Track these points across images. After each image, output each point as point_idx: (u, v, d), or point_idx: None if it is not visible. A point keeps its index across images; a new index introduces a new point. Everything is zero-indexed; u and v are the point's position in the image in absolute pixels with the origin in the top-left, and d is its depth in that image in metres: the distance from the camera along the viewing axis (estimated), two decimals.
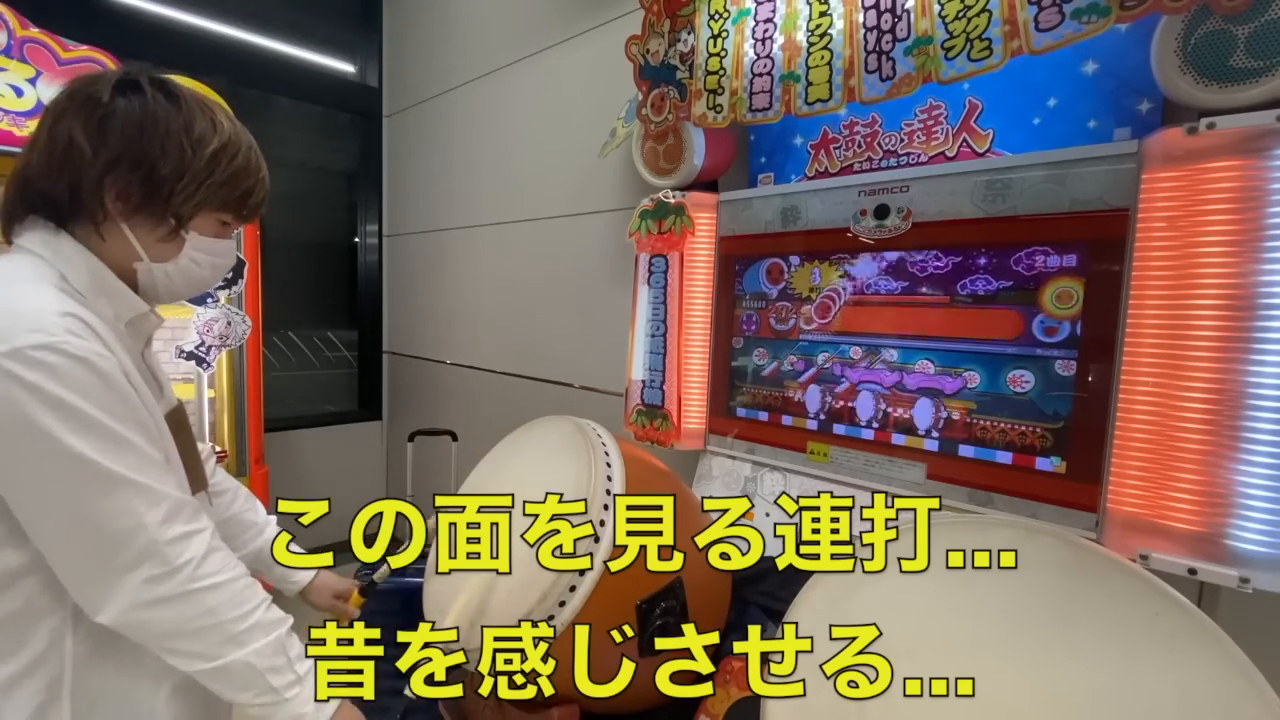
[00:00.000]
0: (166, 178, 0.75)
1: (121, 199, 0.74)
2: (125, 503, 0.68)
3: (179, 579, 0.71)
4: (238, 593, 0.76)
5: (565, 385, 2.33)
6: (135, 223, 0.76)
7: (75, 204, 0.73)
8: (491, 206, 2.67)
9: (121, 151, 0.73)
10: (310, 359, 3.46)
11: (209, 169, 0.77)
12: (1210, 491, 0.92)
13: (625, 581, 0.88)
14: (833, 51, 1.23)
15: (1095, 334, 1.06)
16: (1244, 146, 0.90)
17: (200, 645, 0.73)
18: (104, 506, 0.68)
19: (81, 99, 0.74)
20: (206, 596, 0.72)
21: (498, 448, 1.19)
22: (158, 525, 0.69)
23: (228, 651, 0.74)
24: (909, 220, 1.27)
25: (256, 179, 0.83)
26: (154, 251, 0.78)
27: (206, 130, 0.77)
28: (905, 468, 1.29)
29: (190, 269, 0.81)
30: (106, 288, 0.76)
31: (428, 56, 3.05)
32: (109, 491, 0.68)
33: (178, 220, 0.77)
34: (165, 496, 0.71)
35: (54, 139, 0.73)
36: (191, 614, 0.72)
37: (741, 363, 1.58)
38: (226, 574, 0.75)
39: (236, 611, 0.74)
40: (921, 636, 0.74)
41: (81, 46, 1.99)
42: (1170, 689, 0.62)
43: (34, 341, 0.64)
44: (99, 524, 0.68)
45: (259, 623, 0.76)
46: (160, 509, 0.70)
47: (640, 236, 1.67)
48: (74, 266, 0.74)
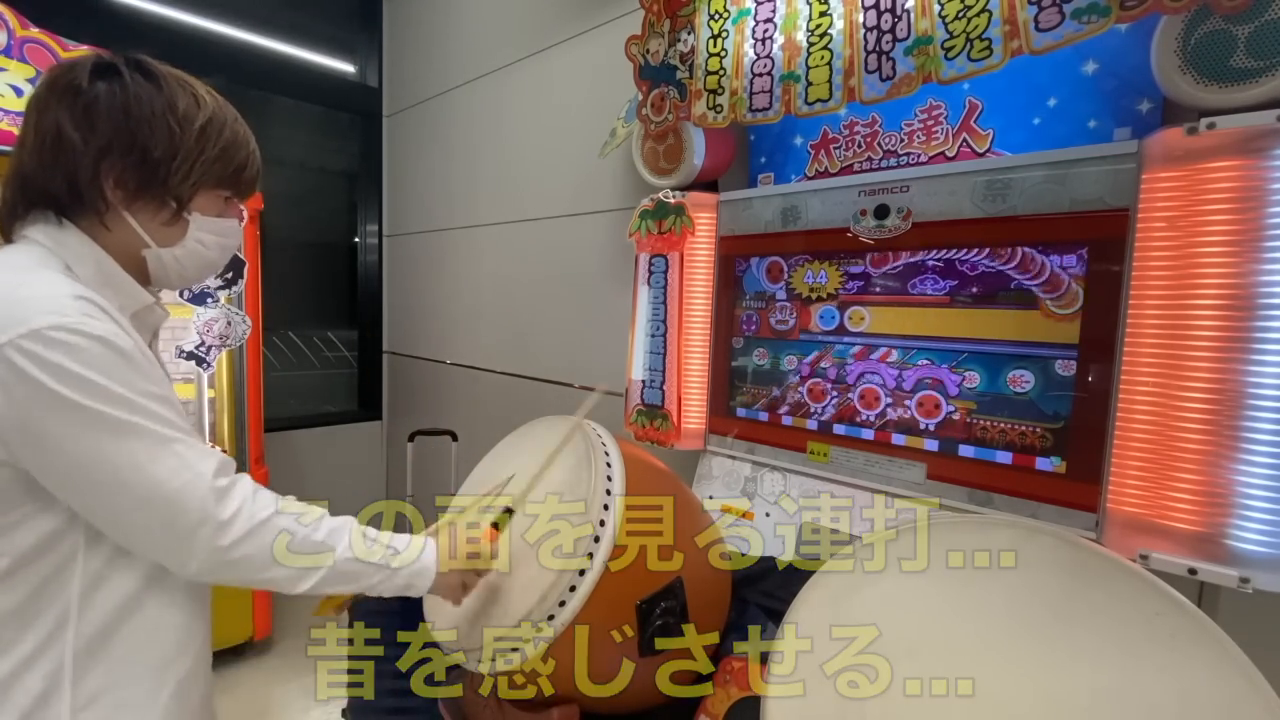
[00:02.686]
0: (160, 160, 0.74)
1: (120, 186, 0.74)
2: (178, 458, 0.69)
3: (242, 520, 0.71)
4: (298, 512, 0.77)
5: (565, 385, 2.33)
6: (137, 209, 0.76)
7: (75, 196, 0.73)
8: (491, 206, 2.67)
9: (111, 138, 0.72)
10: (310, 359, 3.46)
11: (199, 146, 0.77)
12: (1210, 491, 0.92)
13: (625, 581, 0.88)
14: (833, 51, 1.23)
15: (1095, 334, 1.06)
16: (1244, 146, 0.90)
17: (296, 564, 0.75)
18: (157, 469, 0.68)
19: (62, 88, 0.73)
20: (275, 522, 0.74)
21: (498, 447, 1.19)
22: (212, 475, 0.70)
23: (324, 559, 0.76)
24: (909, 220, 1.27)
25: (248, 151, 0.83)
26: (160, 236, 0.78)
27: (190, 107, 0.77)
28: (905, 468, 1.29)
29: (198, 250, 0.81)
30: (112, 279, 0.76)
31: (428, 56, 3.05)
32: (159, 452, 0.68)
33: (178, 202, 0.77)
34: (210, 451, 0.72)
35: (42, 133, 0.72)
36: (270, 543, 0.73)
37: (741, 363, 1.58)
38: (279, 503, 0.77)
39: (307, 526, 0.76)
40: (922, 636, 0.74)
41: (81, 46, 1.99)
42: (1170, 689, 0.62)
43: (51, 323, 0.64)
44: (157, 485, 0.68)
45: (334, 526, 0.79)
46: (211, 460, 0.71)
47: (640, 236, 1.67)
48: (79, 258, 0.73)
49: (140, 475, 0.68)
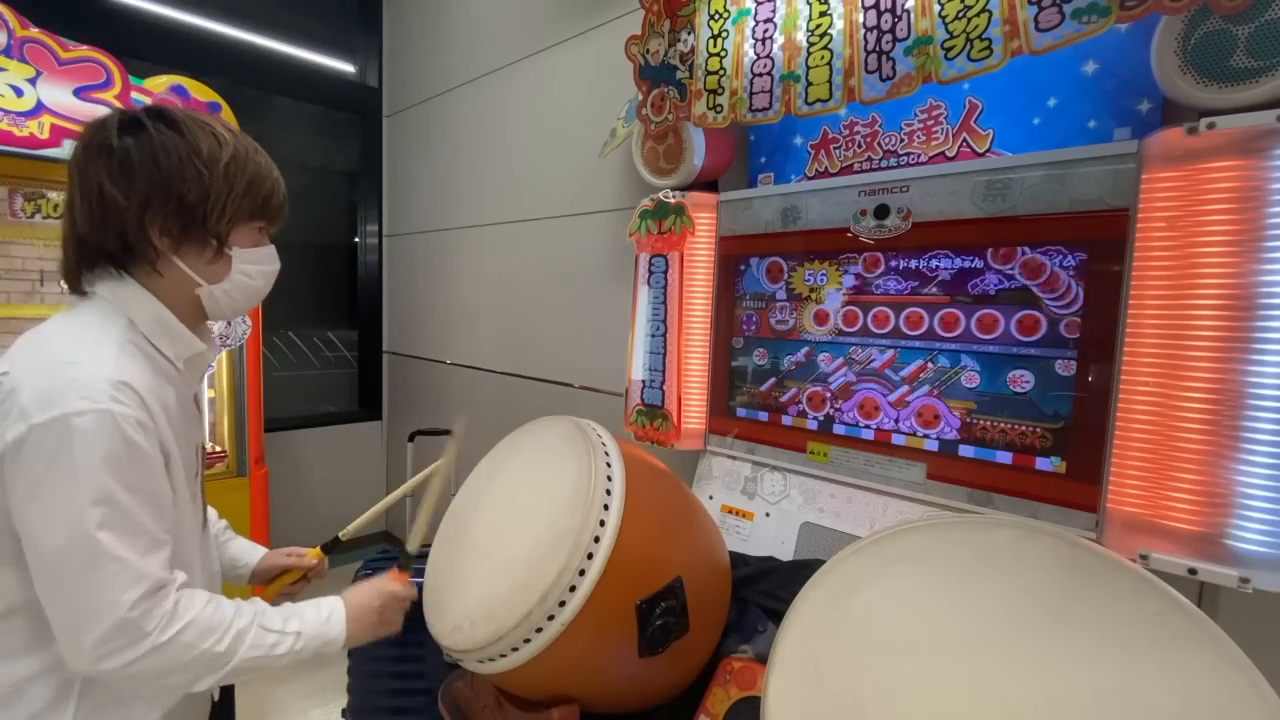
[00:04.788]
0: (195, 203, 0.80)
1: (165, 234, 0.80)
2: (108, 579, 0.71)
3: (147, 643, 0.73)
4: (205, 621, 0.78)
5: (565, 385, 2.33)
6: (184, 252, 0.82)
7: (127, 250, 0.80)
8: (492, 206, 2.67)
9: (148, 190, 0.78)
10: (310, 359, 3.46)
11: (228, 183, 0.82)
12: (1210, 491, 0.92)
13: (625, 581, 0.88)
14: (833, 51, 1.23)
15: (1095, 334, 1.06)
16: (1244, 146, 0.90)
17: (194, 673, 0.78)
18: (90, 579, 0.71)
19: (96, 148, 0.79)
20: (180, 638, 0.76)
21: (497, 448, 1.19)
22: (130, 605, 0.72)
23: (223, 663, 0.79)
24: (909, 220, 1.27)
25: (272, 180, 0.88)
26: (208, 274, 0.84)
27: (213, 148, 0.82)
28: (905, 468, 1.29)
29: (244, 282, 0.88)
30: (170, 330, 0.83)
31: (428, 56, 3.05)
32: (96, 565, 0.71)
33: (219, 240, 0.83)
34: (146, 575, 0.74)
35: (87, 195, 0.78)
36: (170, 658, 0.75)
37: (741, 363, 1.58)
38: (191, 613, 0.77)
39: (213, 636, 0.78)
40: (922, 636, 0.74)
41: (81, 46, 1.99)
42: (1170, 689, 0.62)
43: (80, 408, 0.70)
44: (83, 592, 0.71)
45: (239, 630, 0.80)
46: (138, 588, 0.73)
47: (640, 236, 1.67)
48: (139, 312, 0.81)
49: (77, 574, 0.71)
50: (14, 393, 0.71)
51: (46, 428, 0.70)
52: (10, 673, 0.77)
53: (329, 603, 0.91)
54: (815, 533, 1.38)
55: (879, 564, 0.81)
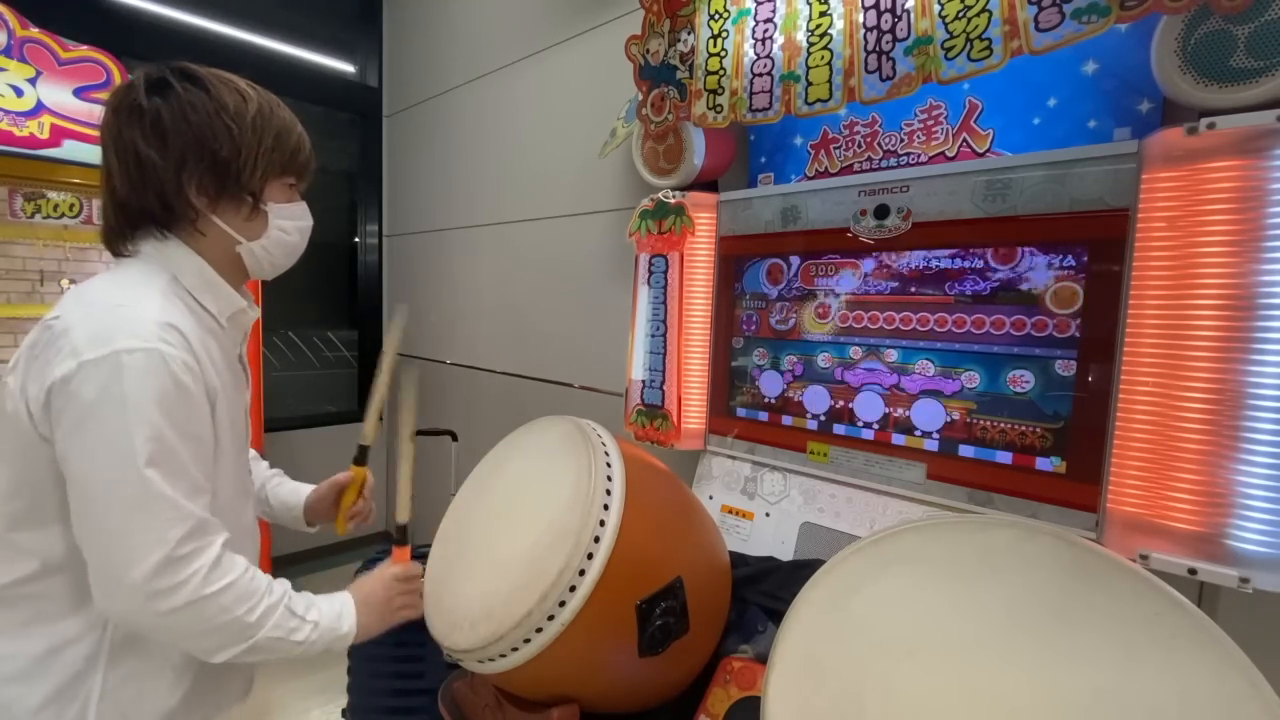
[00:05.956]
0: (229, 159, 0.81)
1: (202, 192, 0.81)
2: (154, 516, 0.72)
3: (188, 589, 0.73)
4: (244, 586, 0.79)
5: (565, 385, 2.33)
6: (222, 210, 0.84)
7: (168, 210, 0.81)
8: (491, 206, 2.67)
9: (182, 149, 0.79)
10: (310, 359, 3.46)
11: (256, 137, 0.83)
12: (1210, 491, 0.92)
13: (625, 581, 0.87)
14: (833, 51, 1.23)
15: (1095, 334, 1.06)
16: (1244, 146, 0.90)
17: (220, 639, 0.78)
18: (137, 516, 0.71)
19: (127, 110, 0.79)
20: (219, 598, 0.76)
21: (497, 448, 1.19)
22: (176, 542, 0.73)
23: (249, 635, 0.79)
24: (909, 220, 1.27)
25: (298, 133, 0.90)
26: (247, 231, 0.86)
27: (239, 103, 0.83)
28: (905, 468, 1.29)
29: (281, 238, 0.89)
30: (212, 285, 0.85)
31: (428, 56, 3.05)
32: (144, 501, 0.71)
33: (254, 196, 0.85)
34: (190, 515, 0.75)
35: (123, 158, 0.79)
36: (206, 615, 0.76)
37: (741, 363, 1.58)
38: (233, 574, 0.78)
39: (247, 604, 0.79)
40: (922, 636, 0.74)
41: (81, 46, 1.99)
42: (1170, 689, 0.62)
43: (131, 345, 0.72)
44: (130, 529, 0.71)
45: (269, 605, 0.81)
46: (183, 526, 0.74)
47: (640, 236, 1.67)
48: (183, 268, 0.83)
49: (122, 512, 0.71)
50: (65, 333, 0.72)
51: (97, 364, 0.70)
52: (47, 635, 0.78)
53: (340, 598, 0.92)
54: (815, 533, 1.38)
55: (879, 564, 0.81)
